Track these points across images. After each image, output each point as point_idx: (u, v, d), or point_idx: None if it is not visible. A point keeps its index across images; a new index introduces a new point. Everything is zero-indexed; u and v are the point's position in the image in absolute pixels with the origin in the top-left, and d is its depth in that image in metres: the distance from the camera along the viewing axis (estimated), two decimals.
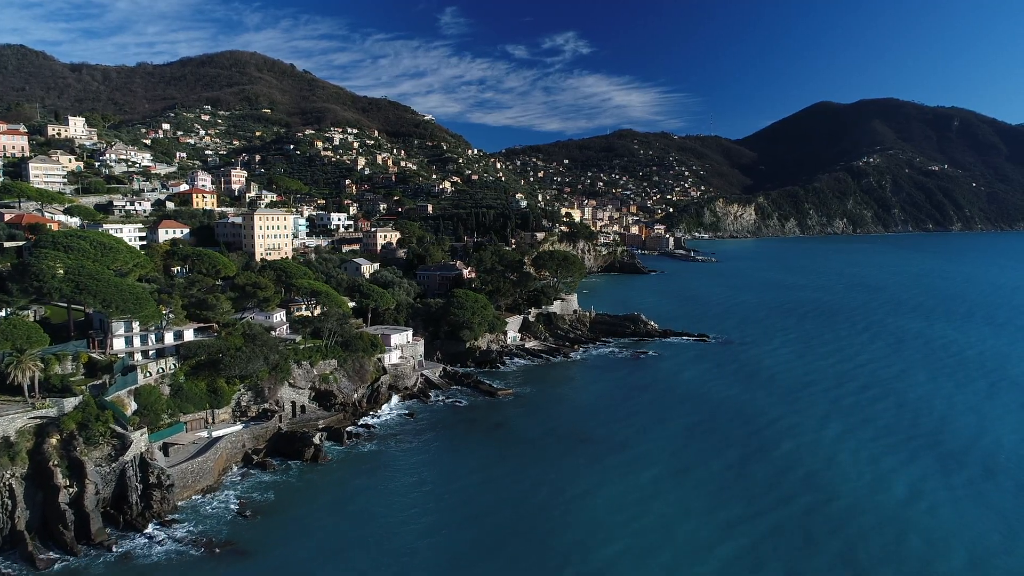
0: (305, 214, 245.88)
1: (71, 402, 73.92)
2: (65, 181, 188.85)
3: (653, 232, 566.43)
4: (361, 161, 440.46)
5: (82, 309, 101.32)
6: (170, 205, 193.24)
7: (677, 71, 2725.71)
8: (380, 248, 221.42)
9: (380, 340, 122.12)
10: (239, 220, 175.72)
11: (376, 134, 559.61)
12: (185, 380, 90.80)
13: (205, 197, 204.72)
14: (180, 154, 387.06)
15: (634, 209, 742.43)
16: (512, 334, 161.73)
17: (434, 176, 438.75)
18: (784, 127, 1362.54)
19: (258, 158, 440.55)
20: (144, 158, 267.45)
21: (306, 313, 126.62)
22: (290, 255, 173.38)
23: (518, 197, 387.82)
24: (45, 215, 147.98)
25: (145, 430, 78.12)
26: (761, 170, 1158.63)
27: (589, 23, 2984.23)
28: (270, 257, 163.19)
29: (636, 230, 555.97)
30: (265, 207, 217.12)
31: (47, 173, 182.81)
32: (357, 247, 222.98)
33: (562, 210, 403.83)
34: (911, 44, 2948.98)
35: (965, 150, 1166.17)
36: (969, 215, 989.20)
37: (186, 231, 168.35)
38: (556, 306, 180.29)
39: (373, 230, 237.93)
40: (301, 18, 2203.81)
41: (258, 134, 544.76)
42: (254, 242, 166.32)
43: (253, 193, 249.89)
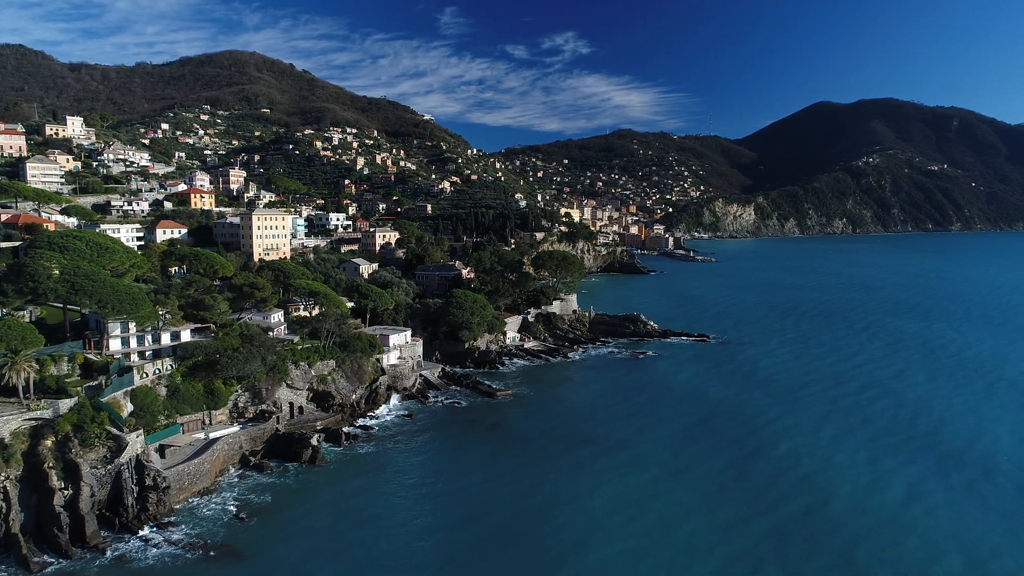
0: (304, 214, 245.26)
1: (66, 403, 73.54)
2: (63, 181, 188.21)
3: (652, 232, 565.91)
4: (360, 161, 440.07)
5: (78, 310, 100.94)
6: (168, 205, 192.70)
7: (676, 71, 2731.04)
8: (379, 248, 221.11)
9: (379, 340, 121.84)
10: (237, 220, 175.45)
11: (375, 134, 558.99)
12: (182, 381, 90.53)
13: (203, 197, 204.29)
14: (179, 154, 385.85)
15: (633, 209, 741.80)
16: (511, 334, 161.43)
17: (433, 176, 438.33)
18: (783, 127, 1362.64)
19: (257, 158, 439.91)
20: (142, 158, 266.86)
21: (304, 313, 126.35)
22: (288, 255, 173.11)
23: (517, 197, 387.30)
24: (42, 215, 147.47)
25: (141, 432, 77.88)
26: (760, 170, 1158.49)
27: (589, 23, 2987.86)
28: (268, 257, 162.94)
29: (635, 230, 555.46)
30: (264, 207, 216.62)
31: (44, 173, 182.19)
32: (356, 247, 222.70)
33: (561, 210, 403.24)
34: (910, 44, 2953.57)
35: (964, 150, 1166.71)
36: (968, 215, 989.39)
37: (184, 231, 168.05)
38: (555, 306, 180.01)
39: (372, 230, 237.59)
40: (301, 18, 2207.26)
41: (257, 134, 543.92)
42: (252, 242, 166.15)
43: (252, 193, 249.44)
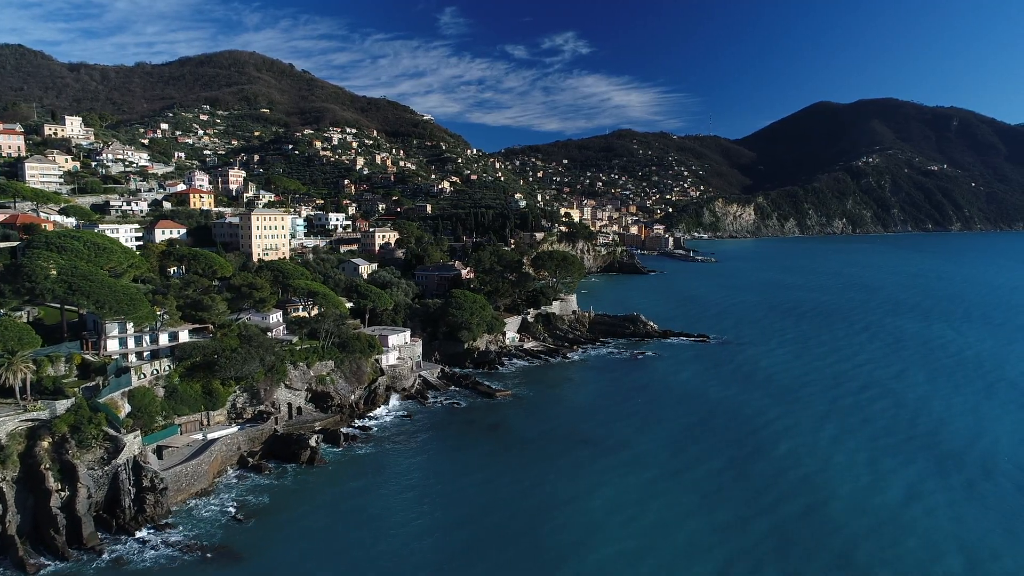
0: (303, 214, 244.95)
1: (63, 404, 73.28)
2: (61, 181, 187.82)
3: (652, 232, 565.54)
4: (360, 161, 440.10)
5: (76, 310, 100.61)
6: (167, 205, 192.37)
7: (676, 71, 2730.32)
8: (378, 248, 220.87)
9: (378, 341, 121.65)
10: (236, 220, 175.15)
11: (375, 134, 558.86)
12: (180, 382, 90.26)
13: (202, 197, 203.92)
14: (178, 154, 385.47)
15: (633, 209, 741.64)
16: (511, 335, 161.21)
17: (433, 176, 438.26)
18: (783, 127, 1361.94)
19: (256, 158, 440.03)
20: (141, 158, 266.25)
21: (303, 314, 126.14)
22: (288, 255, 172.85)
23: (517, 197, 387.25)
24: (40, 215, 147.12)
25: (139, 433, 77.67)
26: (760, 170, 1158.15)
27: (588, 23, 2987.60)
28: (267, 257, 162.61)
29: (635, 230, 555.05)
30: (263, 207, 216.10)
31: (43, 173, 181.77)
32: (355, 247, 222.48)
33: (561, 210, 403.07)
34: (910, 44, 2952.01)
35: (964, 150, 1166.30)
36: (968, 215, 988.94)
37: (183, 231, 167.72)
38: (555, 306, 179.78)
39: (371, 230, 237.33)
40: (300, 18, 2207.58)
41: (257, 134, 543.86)
42: (251, 242, 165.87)
43: (251, 193, 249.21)
